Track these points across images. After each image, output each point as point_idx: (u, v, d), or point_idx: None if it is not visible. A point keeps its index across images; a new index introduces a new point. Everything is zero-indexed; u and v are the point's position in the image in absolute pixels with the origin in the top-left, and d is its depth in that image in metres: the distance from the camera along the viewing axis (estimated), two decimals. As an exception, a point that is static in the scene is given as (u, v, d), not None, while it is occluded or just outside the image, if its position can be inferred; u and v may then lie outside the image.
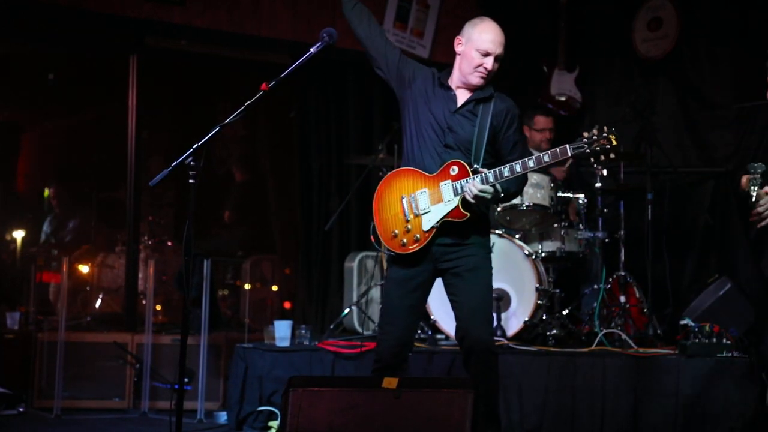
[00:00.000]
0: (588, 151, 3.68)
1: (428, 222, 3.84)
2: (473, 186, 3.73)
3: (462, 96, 3.94)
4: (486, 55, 3.85)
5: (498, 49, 3.87)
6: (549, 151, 3.73)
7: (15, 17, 6.15)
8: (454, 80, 3.96)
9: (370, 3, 7.10)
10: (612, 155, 3.63)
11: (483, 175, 3.76)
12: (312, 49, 3.71)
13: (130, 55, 6.58)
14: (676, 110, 6.55)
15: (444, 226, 3.84)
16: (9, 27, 6.24)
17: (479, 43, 3.85)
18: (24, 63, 7.75)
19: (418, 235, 3.85)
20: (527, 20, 7.33)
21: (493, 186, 3.75)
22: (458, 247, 3.89)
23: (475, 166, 3.84)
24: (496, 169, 3.77)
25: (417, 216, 3.85)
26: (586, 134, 3.70)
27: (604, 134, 3.67)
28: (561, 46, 7.00)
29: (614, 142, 3.63)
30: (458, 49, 3.94)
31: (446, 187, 3.82)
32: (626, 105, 6.82)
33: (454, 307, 3.94)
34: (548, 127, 6.33)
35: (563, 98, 6.93)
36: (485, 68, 3.86)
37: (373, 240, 3.97)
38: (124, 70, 6.58)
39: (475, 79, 3.89)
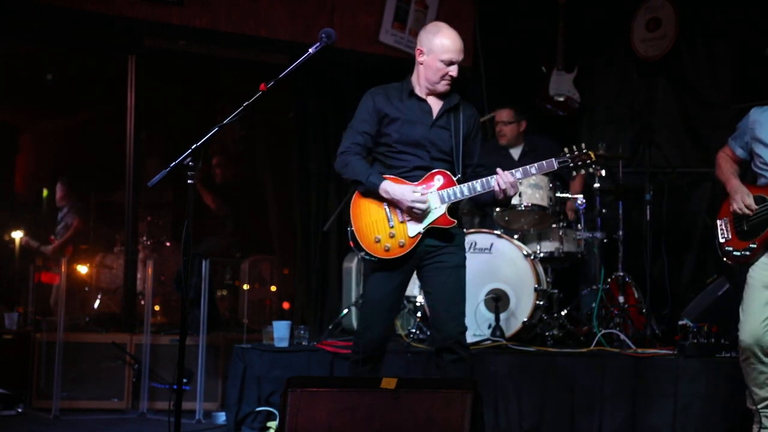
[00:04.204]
0: (571, 164, 4.00)
1: (414, 228, 3.92)
2: (507, 176, 3.87)
3: (433, 104, 4.03)
4: (450, 64, 3.94)
5: (461, 56, 3.97)
6: (536, 164, 3.97)
7: (14, 17, 6.15)
8: (422, 88, 4.03)
9: (368, 3, 7.08)
10: (591, 168, 4.01)
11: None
12: (310, 50, 3.71)
13: (128, 55, 6.59)
14: (674, 110, 6.55)
15: (429, 231, 3.93)
16: (8, 27, 6.24)
17: (442, 53, 3.93)
18: (23, 63, 7.75)
19: (403, 241, 3.91)
20: (526, 20, 7.34)
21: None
22: (442, 247, 3.98)
23: (458, 176, 3.96)
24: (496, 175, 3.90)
25: (402, 222, 3.93)
26: (567, 150, 4.00)
27: (583, 150, 3.98)
28: (559, 47, 7.00)
29: (592, 157, 3.99)
30: (420, 59, 4.00)
31: (432, 195, 3.92)
32: (625, 105, 6.84)
33: (429, 299, 4.05)
34: (502, 120, 6.24)
35: (562, 98, 6.93)
36: (451, 76, 3.96)
37: (352, 245, 3.99)
38: (123, 71, 6.59)
39: (442, 88, 4.00)
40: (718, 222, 4.39)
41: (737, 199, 4.22)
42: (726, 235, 4.33)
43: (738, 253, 4.27)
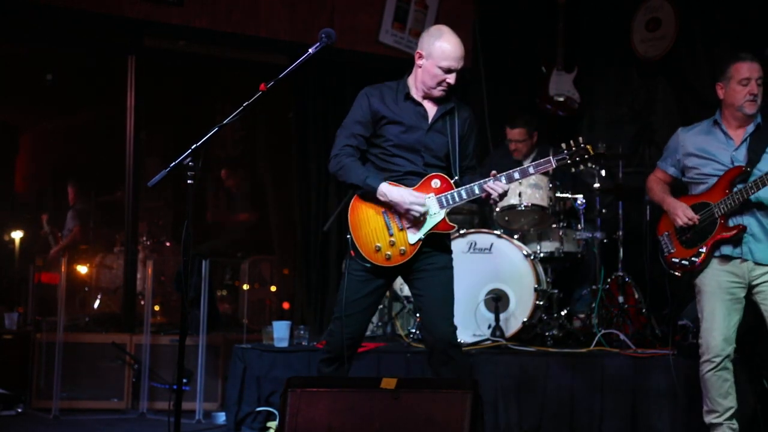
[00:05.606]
0: (569, 161, 3.90)
1: (414, 235, 3.86)
2: (499, 186, 3.81)
3: (429, 108, 3.96)
4: (449, 71, 3.86)
5: (460, 64, 3.89)
6: (533, 163, 3.90)
7: (14, 17, 6.16)
8: (418, 91, 3.96)
9: (368, 3, 7.07)
10: (590, 164, 3.93)
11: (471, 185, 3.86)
12: (310, 50, 3.70)
13: (128, 55, 6.59)
14: (674, 110, 6.54)
15: (429, 238, 3.88)
16: (8, 27, 6.24)
17: (441, 60, 3.85)
18: (23, 63, 7.76)
19: (404, 248, 3.86)
20: (526, 20, 7.34)
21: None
22: (431, 252, 3.93)
23: (455, 178, 3.91)
24: (500, 175, 3.84)
25: (402, 230, 3.87)
26: (564, 146, 3.91)
27: (582, 145, 3.89)
28: (559, 47, 7.00)
29: (591, 152, 3.91)
30: (419, 62, 3.92)
31: (431, 200, 3.86)
32: (625, 105, 6.84)
33: (419, 301, 3.98)
34: (515, 139, 6.26)
35: (562, 99, 6.93)
36: (448, 83, 3.89)
37: (353, 254, 3.92)
38: (123, 71, 6.59)
39: (437, 94, 3.92)
40: (660, 238, 4.48)
41: (680, 214, 4.33)
42: (670, 248, 4.41)
43: (686, 262, 4.33)
